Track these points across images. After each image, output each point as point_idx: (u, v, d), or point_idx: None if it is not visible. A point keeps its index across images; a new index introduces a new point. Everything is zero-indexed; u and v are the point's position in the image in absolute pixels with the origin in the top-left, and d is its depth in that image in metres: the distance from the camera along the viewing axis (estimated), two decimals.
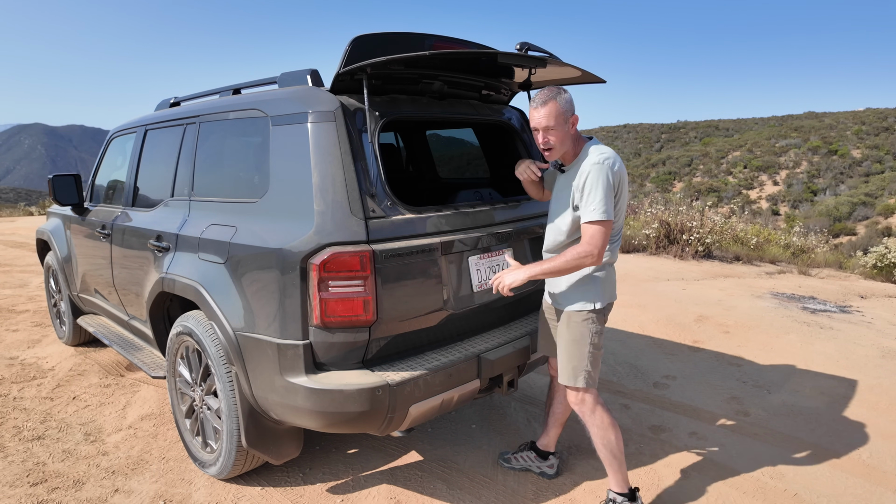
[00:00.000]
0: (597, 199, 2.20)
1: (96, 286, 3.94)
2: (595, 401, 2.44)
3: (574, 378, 2.41)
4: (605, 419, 2.43)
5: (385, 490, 2.73)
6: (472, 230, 2.61)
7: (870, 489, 2.77)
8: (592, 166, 2.24)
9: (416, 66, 2.48)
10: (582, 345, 2.39)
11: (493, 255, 2.72)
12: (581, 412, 2.46)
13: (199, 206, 2.86)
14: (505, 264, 2.77)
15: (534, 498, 2.67)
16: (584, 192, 2.23)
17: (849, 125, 62.52)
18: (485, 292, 2.67)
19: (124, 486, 2.77)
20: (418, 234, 2.40)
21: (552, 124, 2.28)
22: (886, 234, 22.14)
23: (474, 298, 2.62)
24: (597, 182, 2.21)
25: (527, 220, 2.92)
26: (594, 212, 2.20)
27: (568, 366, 2.42)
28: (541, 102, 2.29)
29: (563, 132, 2.30)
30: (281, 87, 2.66)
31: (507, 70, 2.77)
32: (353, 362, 2.30)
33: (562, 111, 2.27)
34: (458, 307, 2.54)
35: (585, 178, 2.24)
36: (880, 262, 8.40)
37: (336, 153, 2.27)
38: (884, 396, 3.83)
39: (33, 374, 4.14)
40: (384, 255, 2.24)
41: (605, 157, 2.26)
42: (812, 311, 5.97)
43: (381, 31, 2.43)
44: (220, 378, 2.52)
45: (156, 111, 3.71)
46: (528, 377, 4.04)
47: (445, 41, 2.69)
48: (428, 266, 2.40)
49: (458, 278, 2.54)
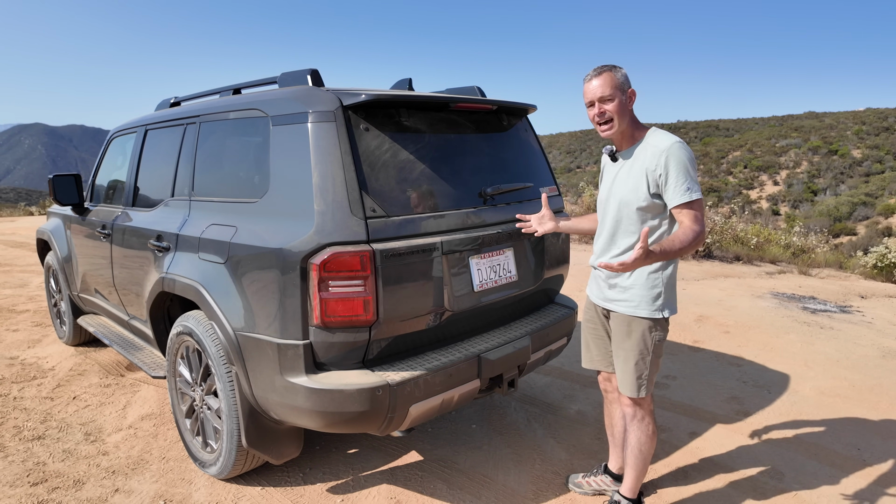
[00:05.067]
0: (689, 178, 2.11)
1: (96, 286, 3.94)
2: (648, 408, 2.37)
3: (637, 389, 2.32)
4: (651, 428, 2.37)
5: (385, 490, 2.73)
6: (473, 230, 2.60)
7: (870, 489, 2.77)
8: (672, 146, 2.13)
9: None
10: (646, 354, 2.29)
11: (493, 255, 2.71)
12: (632, 417, 2.38)
13: (199, 205, 2.86)
14: (507, 263, 2.75)
15: (534, 498, 2.67)
16: (671, 174, 2.12)
17: (849, 125, 62.54)
18: (486, 292, 2.66)
19: (124, 485, 2.77)
20: (419, 233, 2.39)
21: (608, 93, 2.16)
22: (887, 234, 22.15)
23: (475, 298, 2.61)
24: (683, 161, 2.11)
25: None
26: (690, 191, 2.11)
27: (632, 376, 2.32)
28: (595, 74, 2.18)
29: (622, 103, 2.18)
30: (281, 87, 2.66)
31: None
32: (353, 362, 2.30)
33: (619, 82, 2.17)
34: (459, 307, 2.54)
35: (666, 159, 2.12)
36: (880, 262, 8.40)
37: (336, 153, 2.27)
38: (884, 396, 3.83)
39: (33, 374, 4.15)
40: (384, 255, 2.24)
41: (678, 139, 2.17)
42: (812, 311, 5.97)
43: (401, 95, 2.45)
44: (220, 378, 2.52)
45: (156, 111, 3.71)
46: (528, 377, 4.04)
47: (469, 102, 2.68)
48: (428, 266, 2.39)
49: (459, 278, 2.54)
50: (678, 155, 2.12)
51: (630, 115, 2.23)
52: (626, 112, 2.20)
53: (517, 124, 3.10)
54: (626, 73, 2.21)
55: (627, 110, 2.21)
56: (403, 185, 2.39)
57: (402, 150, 2.43)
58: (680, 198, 2.12)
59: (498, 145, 2.91)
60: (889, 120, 61.90)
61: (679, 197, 2.12)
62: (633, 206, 2.23)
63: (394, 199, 2.36)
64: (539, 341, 2.86)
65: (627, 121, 2.22)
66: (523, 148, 3.09)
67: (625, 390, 2.35)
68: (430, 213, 2.47)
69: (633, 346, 2.30)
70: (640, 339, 2.29)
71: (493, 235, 2.68)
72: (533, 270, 2.95)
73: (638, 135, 2.26)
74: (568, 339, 3.18)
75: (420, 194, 2.44)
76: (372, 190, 2.29)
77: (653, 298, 2.26)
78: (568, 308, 3.22)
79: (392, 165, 2.38)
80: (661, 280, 2.26)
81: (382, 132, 2.41)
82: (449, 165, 2.60)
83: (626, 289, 2.30)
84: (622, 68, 2.21)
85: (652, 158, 2.16)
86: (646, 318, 2.27)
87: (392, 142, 2.42)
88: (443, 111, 2.67)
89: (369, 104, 2.36)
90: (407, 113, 2.51)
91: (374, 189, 2.30)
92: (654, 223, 2.25)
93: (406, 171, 2.42)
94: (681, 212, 2.13)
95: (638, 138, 2.26)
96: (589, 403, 3.66)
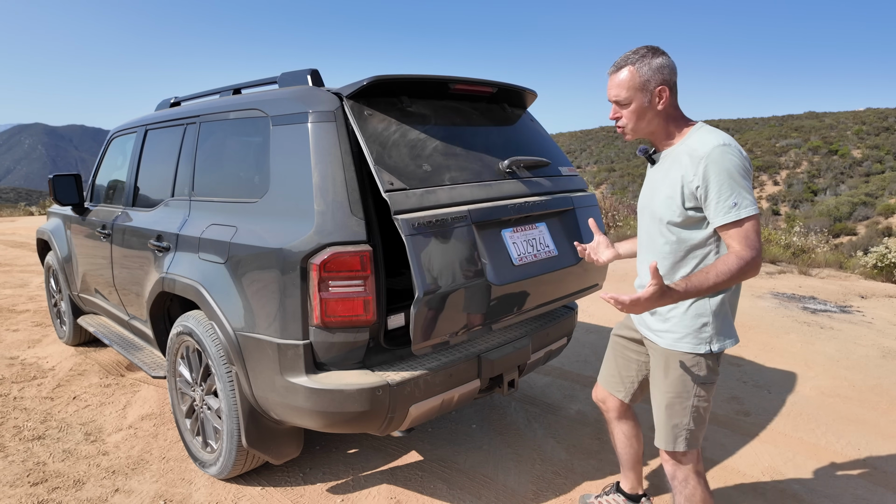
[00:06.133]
0: (735, 190, 1.69)
1: (97, 286, 3.94)
2: (692, 468, 1.94)
3: (673, 440, 1.91)
4: (699, 495, 1.93)
5: (385, 490, 2.73)
6: (499, 201, 2.53)
7: (870, 489, 2.77)
8: (713, 151, 1.72)
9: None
10: (686, 397, 1.88)
11: (526, 229, 2.63)
12: (671, 476, 1.97)
13: (199, 205, 2.86)
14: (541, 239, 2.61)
15: (534, 498, 2.67)
16: (711, 186, 1.71)
17: (849, 125, 62.53)
18: (527, 266, 2.56)
19: (124, 485, 2.77)
20: (444, 204, 2.32)
21: (623, 96, 1.82)
22: (887, 234, 22.15)
23: (517, 272, 2.51)
24: (727, 169, 1.70)
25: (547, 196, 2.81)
26: (737, 207, 1.69)
27: (667, 424, 1.92)
28: (615, 70, 1.84)
29: (640, 107, 1.82)
30: (281, 87, 2.66)
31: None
32: (353, 362, 2.30)
33: (640, 80, 1.80)
34: (502, 280, 2.42)
35: (704, 168, 1.72)
36: (881, 262, 8.40)
37: (336, 153, 2.27)
38: (884, 396, 3.83)
39: (34, 374, 4.15)
40: (413, 225, 2.14)
41: (725, 138, 1.75)
42: (812, 311, 5.97)
43: (402, 75, 2.40)
44: (220, 378, 2.53)
45: (156, 111, 3.71)
46: (528, 377, 4.04)
47: (468, 83, 2.67)
48: (461, 236, 2.30)
49: (495, 251, 2.45)
50: (720, 162, 1.71)
51: (661, 115, 1.84)
52: (650, 113, 1.84)
53: (522, 111, 3.13)
54: (663, 63, 1.80)
55: (654, 111, 1.83)
56: (418, 160, 2.35)
57: (412, 130, 2.42)
58: (724, 216, 1.71)
59: (508, 126, 2.92)
60: (889, 120, 61.90)
61: (722, 215, 1.71)
62: (666, 220, 1.85)
63: (411, 174, 2.28)
64: (539, 341, 2.86)
65: (658, 121, 1.85)
66: (532, 129, 3.09)
67: (658, 441, 1.95)
68: (451, 184, 2.39)
69: (669, 386, 1.90)
70: (679, 379, 1.88)
71: (521, 206, 2.59)
72: (572, 246, 2.83)
73: (678, 133, 1.87)
74: (568, 339, 3.18)
75: (437, 168, 2.40)
76: (388, 167, 2.23)
77: (697, 329, 1.85)
78: (568, 308, 3.22)
79: (404, 144, 2.35)
80: (707, 308, 1.83)
81: (388, 115, 2.39)
82: (463, 142, 2.57)
83: (667, 318, 1.90)
84: (657, 56, 1.80)
85: (690, 166, 1.76)
86: (687, 352, 1.87)
87: (400, 122, 2.41)
88: (447, 96, 2.69)
89: (371, 89, 2.35)
90: (413, 95, 2.53)
91: (389, 165, 2.23)
92: (696, 242, 1.84)
93: (420, 148, 2.39)
94: (726, 232, 1.73)
95: (678, 137, 1.87)
96: (589, 403, 3.66)
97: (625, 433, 2.32)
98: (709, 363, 1.86)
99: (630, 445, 2.33)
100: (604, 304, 6.11)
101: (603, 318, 5.61)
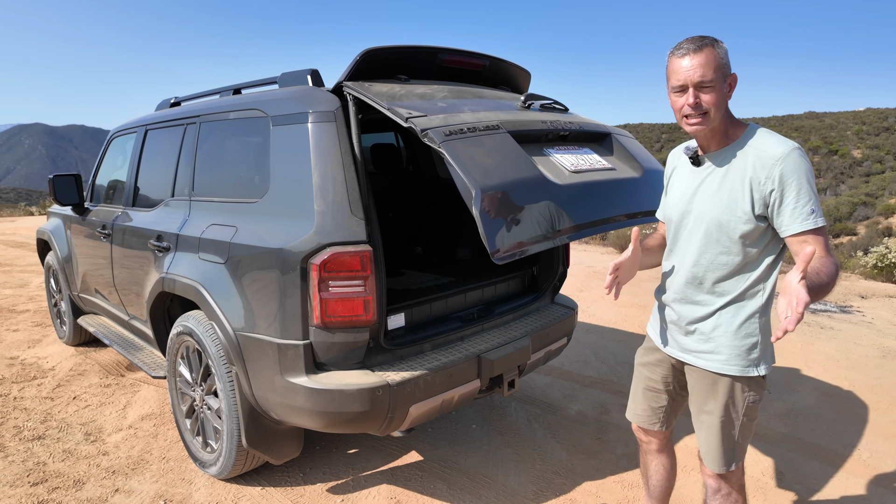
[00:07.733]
0: (812, 196, 1.61)
1: (97, 286, 3.94)
2: (738, 483, 1.89)
3: (727, 462, 1.84)
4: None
5: (385, 490, 2.73)
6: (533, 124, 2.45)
7: (870, 489, 2.77)
8: (790, 154, 1.62)
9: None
10: (736, 418, 1.80)
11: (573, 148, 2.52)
12: (714, 490, 1.90)
13: (199, 206, 2.86)
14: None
15: (534, 498, 2.67)
16: (788, 191, 1.62)
17: (849, 125, 62.53)
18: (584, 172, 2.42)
19: (124, 485, 2.77)
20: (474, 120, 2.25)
21: (709, 77, 1.64)
22: (887, 234, 22.14)
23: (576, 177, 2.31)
24: (806, 175, 1.62)
25: None
26: (815, 214, 1.62)
27: (719, 448, 1.83)
28: (694, 48, 1.65)
29: (722, 94, 1.67)
30: (281, 87, 2.66)
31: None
32: (353, 362, 2.30)
33: (722, 62, 1.66)
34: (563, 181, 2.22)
35: (781, 171, 1.62)
36: (881, 262, 8.39)
37: (336, 153, 2.27)
38: (884, 396, 3.83)
39: (34, 374, 4.15)
40: (447, 133, 2.05)
41: (796, 144, 1.67)
42: (812, 311, 5.97)
43: (393, 45, 2.39)
44: (220, 378, 2.53)
45: (156, 111, 3.71)
46: (528, 377, 4.04)
47: (459, 54, 2.67)
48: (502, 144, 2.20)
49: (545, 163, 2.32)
50: (798, 166, 1.62)
51: (727, 108, 1.73)
52: (724, 105, 1.70)
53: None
54: (727, 51, 1.69)
55: (726, 102, 1.71)
56: (432, 101, 2.32)
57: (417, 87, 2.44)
58: (802, 222, 1.62)
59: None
60: (889, 120, 61.90)
61: (800, 221, 1.62)
62: (732, 229, 1.71)
63: (427, 108, 2.21)
64: (539, 341, 2.86)
65: (723, 114, 1.72)
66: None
67: (711, 464, 1.87)
68: (472, 110, 2.33)
69: (719, 410, 1.81)
70: (729, 402, 1.79)
71: (555, 123, 2.50)
72: (627, 163, 2.66)
73: (733, 133, 1.75)
74: (568, 339, 3.18)
75: (452, 104, 2.35)
76: (401, 106, 2.17)
77: (746, 350, 1.75)
78: (568, 308, 3.22)
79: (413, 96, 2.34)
80: (757, 327, 1.75)
81: (390, 83, 2.41)
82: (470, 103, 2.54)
83: (710, 338, 1.80)
84: (723, 43, 1.68)
85: (761, 168, 1.65)
86: (738, 376, 1.77)
87: (404, 86, 2.43)
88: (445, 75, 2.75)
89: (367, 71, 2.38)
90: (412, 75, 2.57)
91: (402, 105, 2.18)
92: (752, 254, 1.73)
93: (429, 97, 2.40)
94: (802, 239, 1.63)
95: (733, 138, 1.74)
96: (589, 403, 3.66)
97: (664, 466, 2.17)
98: (758, 384, 1.80)
99: (667, 479, 2.18)
100: (604, 304, 6.11)
101: (603, 319, 5.61)
